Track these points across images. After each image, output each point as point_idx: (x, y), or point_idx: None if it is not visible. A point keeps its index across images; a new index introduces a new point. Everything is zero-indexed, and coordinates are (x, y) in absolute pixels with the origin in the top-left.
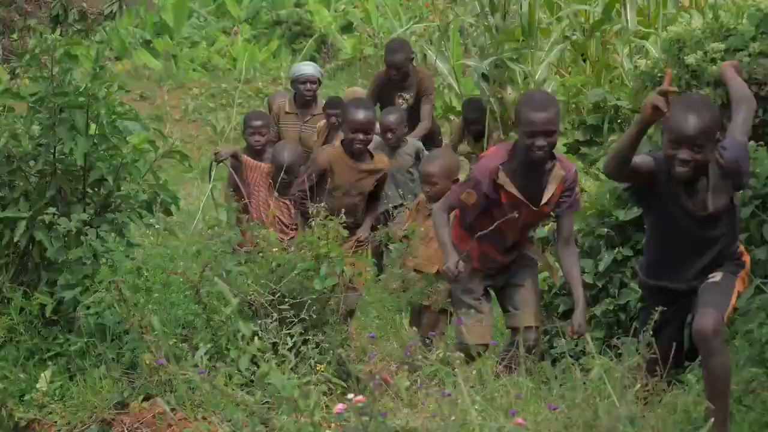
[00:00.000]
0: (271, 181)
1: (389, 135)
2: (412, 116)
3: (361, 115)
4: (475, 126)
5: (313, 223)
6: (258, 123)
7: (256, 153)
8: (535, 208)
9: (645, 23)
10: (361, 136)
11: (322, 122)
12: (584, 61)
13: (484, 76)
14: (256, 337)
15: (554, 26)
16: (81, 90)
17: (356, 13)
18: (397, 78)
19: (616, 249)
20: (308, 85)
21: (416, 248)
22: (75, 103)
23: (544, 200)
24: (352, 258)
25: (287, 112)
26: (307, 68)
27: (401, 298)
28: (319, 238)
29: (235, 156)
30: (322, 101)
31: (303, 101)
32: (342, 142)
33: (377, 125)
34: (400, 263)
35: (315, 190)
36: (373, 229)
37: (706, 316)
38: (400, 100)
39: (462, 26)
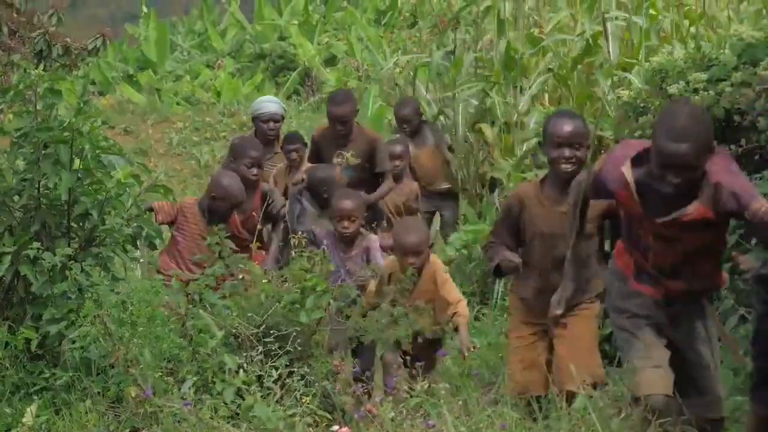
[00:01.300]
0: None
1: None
2: (358, 183)
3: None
4: (407, 124)
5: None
6: (255, 154)
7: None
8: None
9: (627, 54)
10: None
11: (282, 165)
12: (565, 92)
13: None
14: (241, 370)
15: (537, 58)
16: (65, 125)
17: (340, 46)
18: (342, 133)
19: None
20: (271, 123)
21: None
22: (59, 138)
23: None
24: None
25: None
26: (271, 105)
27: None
28: (305, 270)
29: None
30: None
31: (265, 140)
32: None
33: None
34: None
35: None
36: None
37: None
38: (340, 159)
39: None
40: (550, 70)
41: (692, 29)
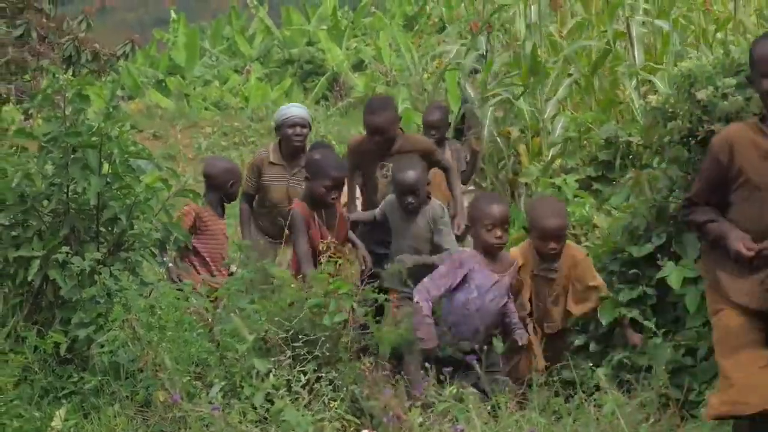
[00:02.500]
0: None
1: (433, 131)
2: None
3: None
4: (436, 130)
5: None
6: (336, 174)
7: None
8: None
9: (652, 59)
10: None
11: None
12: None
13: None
14: (270, 374)
15: (559, 64)
16: (94, 129)
17: (368, 51)
18: (382, 144)
19: (640, 286)
20: (298, 129)
21: None
22: (88, 142)
23: None
24: None
25: (272, 163)
26: (297, 109)
27: None
28: (328, 274)
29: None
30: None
31: (291, 149)
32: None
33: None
34: None
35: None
36: None
37: None
38: (384, 171)
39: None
40: (570, 75)
41: (719, 34)
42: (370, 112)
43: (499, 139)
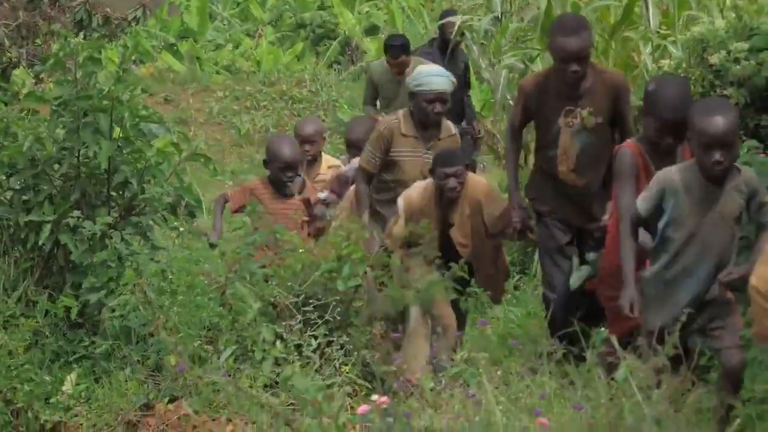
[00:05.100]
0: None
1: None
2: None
3: None
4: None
5: None
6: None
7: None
8: None
9: (666, 23)
10: None
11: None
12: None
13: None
14: (279, 340)
15: None
16: (105, 93)
17: (380, 15)
18: (574, 78)
19: None
20: (437, 105)
21: None
22: (99, 106)
23: None
24: None
25: (404, 135)
26: (440, 81)
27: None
28: (341, 239)
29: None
30: (451, 125)
31: (426, 121)
32: None
33: None
34: None
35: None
36: None
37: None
38: (570, 119)
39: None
40: None
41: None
42: (564, 32)
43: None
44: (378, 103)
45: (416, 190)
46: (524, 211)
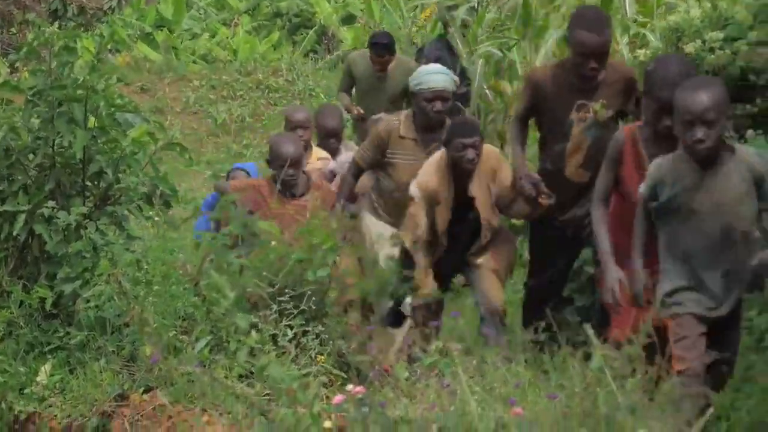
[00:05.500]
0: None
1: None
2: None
3: None
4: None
5: None
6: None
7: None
8: None
9: (643, 12)
10: None
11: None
12: None
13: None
14: (254, 330)
15: (552, 15)
16: (80, 83)
17: (357, 4)
18: (593, 72)
19: None
20: (438, 104)
21: None
22: (74, 96)
23: None
24: None
25: (402, 137)
26: (439, 78)
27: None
28: (313, 228)
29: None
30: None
31: (427, 123)
32: None
33: None
34: None
35: None
36: None
37: None
38: (583, 113)
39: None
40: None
41: None
42: (586, 27)
43: (488, 93)
44: (353, 93)
45: (428, 172)
46: (534, 177)
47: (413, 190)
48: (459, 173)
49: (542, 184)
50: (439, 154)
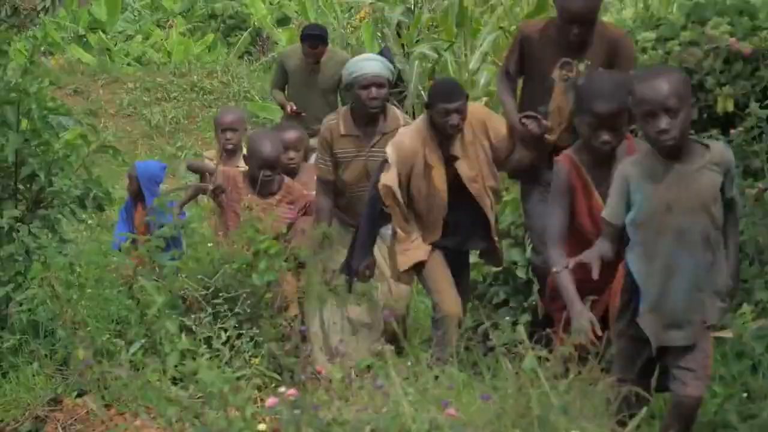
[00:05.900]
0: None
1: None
2: None
3: None
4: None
5: None
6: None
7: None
8: None
9: None
10: None
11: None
12: None
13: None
14: (188, 333)
15: (487, 16)
16: (12, 85)
17: (292, 6)
18: (581, 36)
19: None
20: (373, 90)
21: None
22: (6, 98)
23: None
24: None
25: (343, 135)
26: (372, 64)
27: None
28: (258, 232)
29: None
30: (399, 114)
31: (368, 116)
32: None
33: None
34: None
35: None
36: None
37: None
38: (565, 71)
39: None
40: (501, 28)
41: None
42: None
43: (424, 94)
44: (286, 90)
45: (406, 135)
46: (532, 114)
47: (388, 150)
48: (441, 137)
49: (544, 120)
50: (420, 118)
